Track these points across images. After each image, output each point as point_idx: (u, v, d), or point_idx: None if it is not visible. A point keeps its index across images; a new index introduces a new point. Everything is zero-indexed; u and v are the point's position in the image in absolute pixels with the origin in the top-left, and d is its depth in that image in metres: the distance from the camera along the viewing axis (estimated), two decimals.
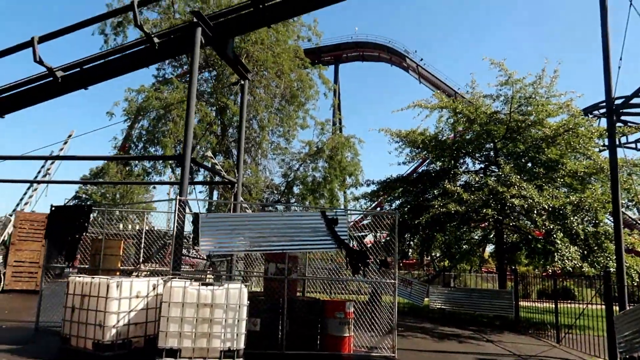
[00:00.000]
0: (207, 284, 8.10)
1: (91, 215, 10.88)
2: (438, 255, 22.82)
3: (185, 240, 12.32)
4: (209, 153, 22.93)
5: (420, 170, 19.54)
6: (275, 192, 29.85)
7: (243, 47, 25.39)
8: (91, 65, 11.85)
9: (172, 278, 8.60)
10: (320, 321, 9.45)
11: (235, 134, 28.92)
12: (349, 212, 10.37)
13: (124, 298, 8.21)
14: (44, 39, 11.41)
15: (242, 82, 12.60)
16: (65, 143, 22.80)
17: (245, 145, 29.00)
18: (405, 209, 16.46)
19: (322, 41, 45.33)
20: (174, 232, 9.29)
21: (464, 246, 18.86)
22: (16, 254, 17.54)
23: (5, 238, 18.33)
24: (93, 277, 8.48)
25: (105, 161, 26.94)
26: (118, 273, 10.81)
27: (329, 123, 30.26)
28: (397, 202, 17.42)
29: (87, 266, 11.38)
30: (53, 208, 11.61)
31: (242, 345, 7.96)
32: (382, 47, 48.74)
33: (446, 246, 18.22)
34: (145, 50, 11.59)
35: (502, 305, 15.67)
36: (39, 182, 20.14)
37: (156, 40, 11.30)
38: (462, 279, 24.97)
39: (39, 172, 23.43)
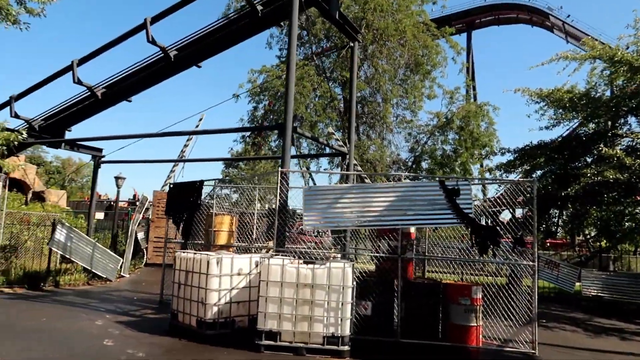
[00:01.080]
0: (308, 262, 7.33)
1: (203, 191, 10.80)
2: (593, 234, 19.61)
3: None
4: (331, 129, 22.40)
5: (566, 135, 16.63)
6: (403, 167, 28.48)
7: (362, 16, 24.26)
8: (201, 41, 11.74)
9: (273, 255, 7.99)
10: (442, 307, 8.18)
11: (359, 109, 28.12)
12: (473, 181, 8.77)
13: (225, 275, 7.79)
14: (155, 19, 11.54)
15: (352, 44, 11.55)
16: (197, 127, 23.93)
17: (369, 120, 28.11)
18: (549, 179, 14.08)
19: (452, 8, 42.31)
20: (277, 206, 8.67)
21: (627, 223, 15.75)
22: (155, 230, 18.82)
23: (149, 216, 19.71)
24: (195, 253, 8.22)
25: (241, 140, 27.74)
26: (231, 249, 10.62)
27: (458, 91, 27.87)
28: (539, 172, 14.99)
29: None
30: (171, 186, 11.84)
31: (347, 332, 7.06)
32: (521, 6, 43.80)
33: (603, 223, 15.34)
34: (250, 20, 11.13)
35: None
36: (174, 161, 21.60)
37: (259, 7, 10.76)
38: (624, 262, 21.27)
39: (179, 155, 24.98)
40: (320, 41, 26.98)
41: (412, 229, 8.71)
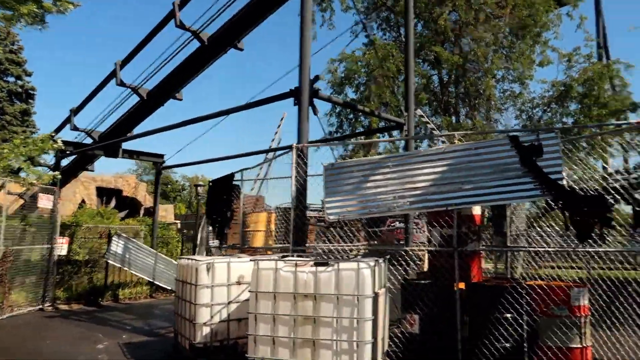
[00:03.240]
0: (319, 264, 5.23)
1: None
2: None
3: None
4: (419, 111, 19.81)
5: None
6: None
7: None
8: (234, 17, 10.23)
9: (285, 256, 6.04)
10: (527, 321, 5.56)
11: (458, 89, 24.99)
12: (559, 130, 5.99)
13: (219, 285, 6.03)
14: (184, 2, 10.36)
15: None
16: (279, 127, 22.80)
17: (471, 101, 24.74)
18: None
19: None
20: (293, 193, 6.70)
21: None
22: (232, 237, 17.80)
23: None
24: (189, 259, 6.56)
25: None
26: (270, 252, 8.90)
27: (578, 52, 23.25)
28: None
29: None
30: (210, 184, 10.48)
31: None
32: None
33: None
34: None
35: None
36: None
37: None
38: None
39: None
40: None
41: (477, 210, 6.18)
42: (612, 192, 5.43)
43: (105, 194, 31.48)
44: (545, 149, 5.41)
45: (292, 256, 6.31)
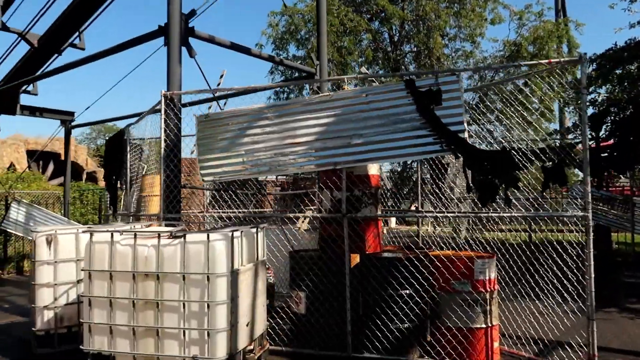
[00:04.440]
0: (176, 236, 4.26)
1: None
2: None
3: None
4: (364, 69, 18.82)
5: None
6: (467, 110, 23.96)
7: None
8: None
9: (148, 225, 5.05)
10: (429, 298, 4.81)
11: (408, 47, 24.03)
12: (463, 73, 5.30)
13: (66, 261, 5.02)
14: None
15: None
16: (219, 85, 21.39)
17: (422, 59, 23.79)
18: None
19: None
20: (163, 152, 5.66)
21: None
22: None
23: None
24: (35, 231, 5.47)
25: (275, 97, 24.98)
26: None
27: (529, 10, 22.51)
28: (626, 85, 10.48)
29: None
30: (107, 142, 9.31)
31: (221, 353, 3.98)
32: None
33: None
34: None
35: None
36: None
37: None
38: None
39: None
40: None
41: (373, 169, 5.32)
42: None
43: (40, 157, 29.40)
44: (445, 95, 4.54)
45: (162, 225, 5.37)
